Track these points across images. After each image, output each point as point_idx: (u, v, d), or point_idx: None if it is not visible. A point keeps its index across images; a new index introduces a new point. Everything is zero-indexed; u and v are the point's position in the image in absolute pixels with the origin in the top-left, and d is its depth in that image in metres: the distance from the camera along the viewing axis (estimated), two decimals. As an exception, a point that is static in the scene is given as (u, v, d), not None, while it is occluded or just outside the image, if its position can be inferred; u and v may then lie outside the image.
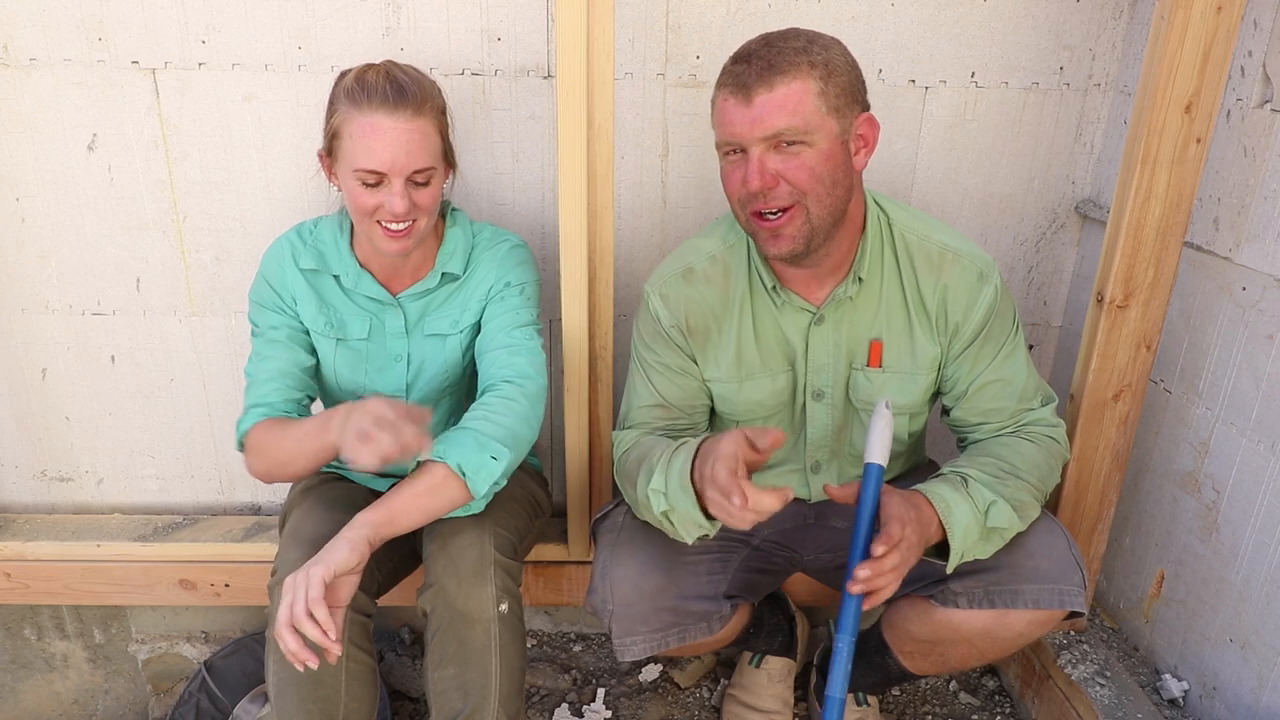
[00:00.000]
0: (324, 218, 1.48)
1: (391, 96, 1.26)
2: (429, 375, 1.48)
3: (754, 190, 1.16)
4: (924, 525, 1.16)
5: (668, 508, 1.20)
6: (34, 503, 1.94)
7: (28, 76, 1.58)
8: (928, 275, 1.30)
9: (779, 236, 1.19)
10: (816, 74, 1.13)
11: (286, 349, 1.43)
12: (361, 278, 1.43)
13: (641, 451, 1.32)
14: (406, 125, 1.26)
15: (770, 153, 1.15)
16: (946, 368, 1.35)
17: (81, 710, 2.02)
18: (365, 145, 1.26)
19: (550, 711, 1.76)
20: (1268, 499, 1.36)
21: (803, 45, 1.14)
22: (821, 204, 1.18)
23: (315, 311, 1.44)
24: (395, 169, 1.27)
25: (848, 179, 1.20)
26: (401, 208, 1.28)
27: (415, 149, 1.28)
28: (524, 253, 1.48)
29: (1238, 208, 1.40)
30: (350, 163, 1.28)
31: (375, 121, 1.25)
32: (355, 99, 1.26)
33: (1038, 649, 1.67)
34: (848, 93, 1.16)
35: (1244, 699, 1.41)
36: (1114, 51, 1.62)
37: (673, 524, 1.21)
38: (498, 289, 1.44)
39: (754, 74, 1.12)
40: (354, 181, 1.29)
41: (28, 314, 1.76)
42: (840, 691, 1.13)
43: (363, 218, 1.32)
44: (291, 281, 1.43)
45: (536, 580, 1.78)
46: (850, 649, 1.13)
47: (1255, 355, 1.38)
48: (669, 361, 1.37)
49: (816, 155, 1.15)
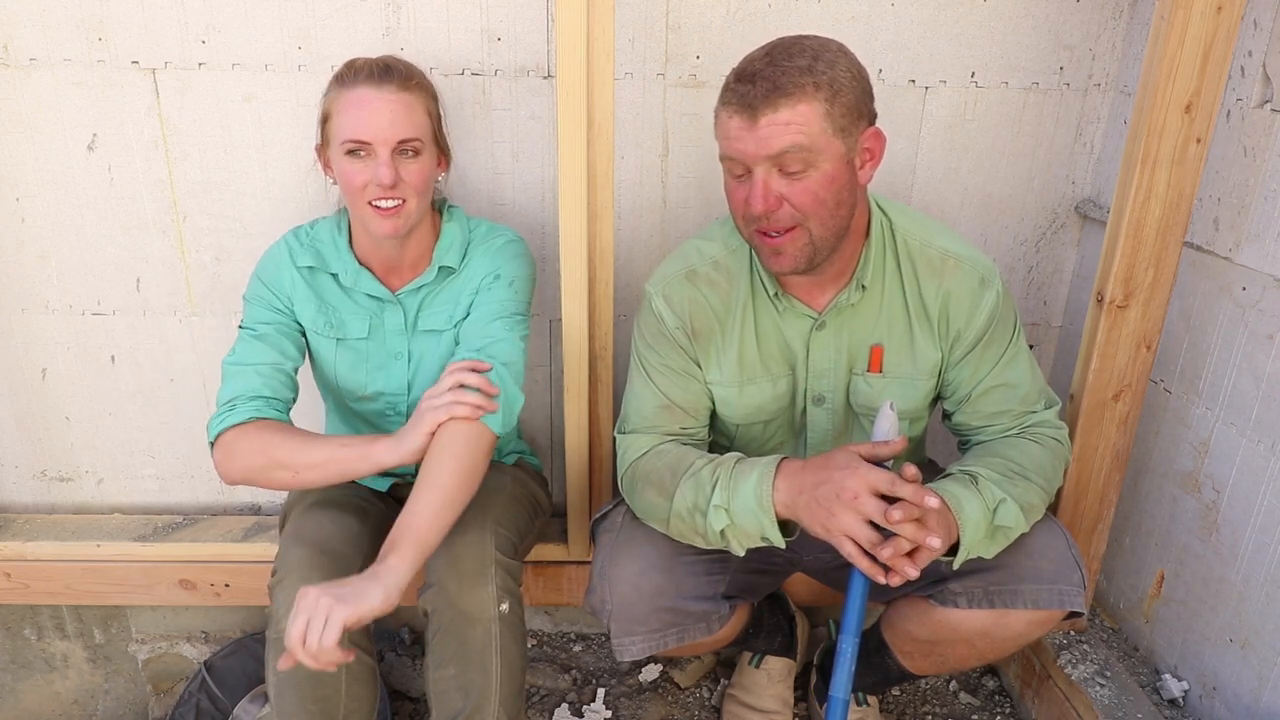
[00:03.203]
0: (320, 219, 1.48)
1: (377, 73, 1.30)
2: (428, 372, 1.47)
3: (758, 214, 1.16)
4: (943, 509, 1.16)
5: (729, 523, 1.20)
6: (34, 503, 1.94)
7: (28, 76, 1.58)
8: (930, 281, 1.30)
9: (781, 254, 1.19)
10: (822, 95, 1.11)
11: (273, 346, 1.40)
12: (360, 275, 1.42)
13: (674, 462, 1.30)
14: (392, 96, 1.29)
15: (775, 174, 1.14)
16: (948, 373, 1.35)
17: (81, 710, 2.02)
18: (351, 116, 1.28)
19: (550, 711, 1.76)
20: (1268, 499, 1.36)
21: (808, 64, 1.11)
22: (825, 225, 1.17)
23: (315, 312, 1.43)
24: (380, 138, 1.28)
25: (852, 197, 1.19)
26: (388, 177, 1.28)
27: (400, 119, 1.29)
28: (518, 246, 1.47)
29: (1238, 208, 1.40)
30: (339, 138, 1.30)
31: (360, 94, 1.29)
32: (344, 80, 1.31)
33: (1038, 649, 1.67)
34: (854, 110, 1.14)
35: (1244, 699, 1.41)
36: (1114, 51, 1.62)
37: (725, 539, 1.22)
38: (487, 281, 1.43)
39: (759, 95, 1.10)
40: (343, 159, 1.30)
41: (28, 314, 1.76)
42: (844, 692, 1.13)
43: (355, 198, 1.32)
44: (289, 282, 1.42)
45: (536, 580, 1.78)
46: (855, 650, 1.13)
47: (1255, 355, 1.38)
48: (672, 363, 1.37)
49: (821, 178, 1.14)
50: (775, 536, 1.19)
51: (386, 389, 1.48)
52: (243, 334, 1.42)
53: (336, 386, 1.50)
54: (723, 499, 1.20)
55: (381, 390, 1.48)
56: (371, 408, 1.51)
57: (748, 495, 1.19)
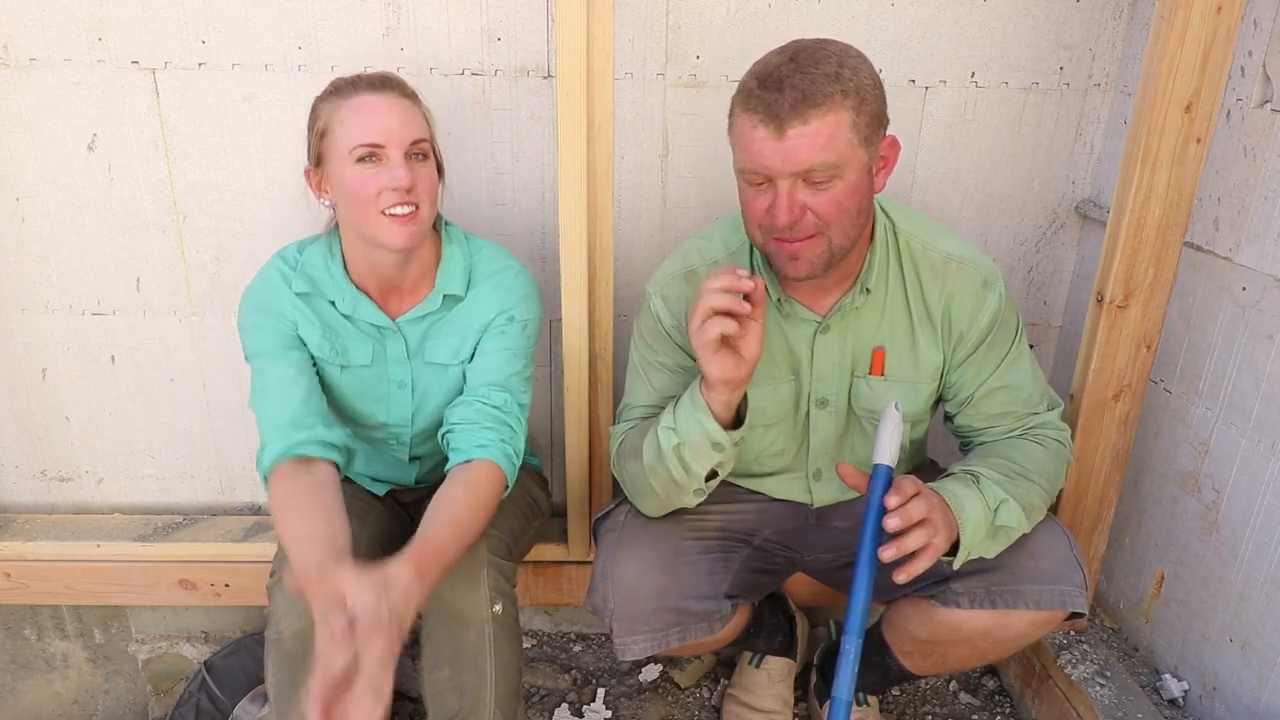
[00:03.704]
0: (307, 244, 1.40)
1: (377, 81, 1.27)
2: (433, 404, 1.44)
3: (782, 225, 1.13)
4: (945, 508, 1.16)
5: (678, 441, 1.21)
6: (34, 503, 1.94)
7: (28, 76, 1.58)
8: (932, 283, 1.30)
9: (798, 260, 1.17)
10: (850, 104, 1.08)
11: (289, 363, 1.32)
12: (359, 301, 1.36)
13: (645, 425, 1.32)
14: (396, 101, 1.26)
15: (800, 185, 1.12)
16: (950, 375, 1.35)
17: (81, 710, 2.02)
18: (359, 121, 1.23)
19: (550, 711, 1.76)
20: (1268, 499, 1.36)
21: (834, 70, 1.08)
22: (845, 233, 1.17)
23: (320, 338, 1.37)
24: (393, 139, 1.24)
25: (870, 204, 1.19)
26: (406, 179, 1.23)
27: (409, 120, 1.26)
28: (529, 284, 1.41)
29: (1238, 208, 1.40)
30: (345, 146, 1.23)
31: (364, 100, 1.25)
32: (341, 92, 1.26)
33: (1038, 649, 1.67)
34: (876, 118, 1.13)
35: (1244, 699, 1.41)
36: (1114, 51, 1.62)
37: (683, 461, 1.22)
38: (499, 323, 1.38)
39: (788, 105, 1.07)
40: (351, 168, 1.23)
41: (28, 314, 1.76)
42: (847, 693, 1.13)
43: (366, 210, 1.25)
44: (289, 305, 1.35)
45: (536, 580, 1.78)
46: (858, 650, 1.13)
47: (1255, 355, 1.38)
48: (670, 362, 1.37)
49: (845, 188, 1.12)
50: (715, 430, 1.19)
51: (390, 420, 1.45)
52: (253, 365, 1.35)
53: (342, 414, 1.47)
54: (669, 419, 1.23)
55: (385, 422, 1.46)
56: (376, 435, 1.49)
57: (685, 401, 1.21)
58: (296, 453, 1.25)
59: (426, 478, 1.58)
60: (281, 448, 1.25)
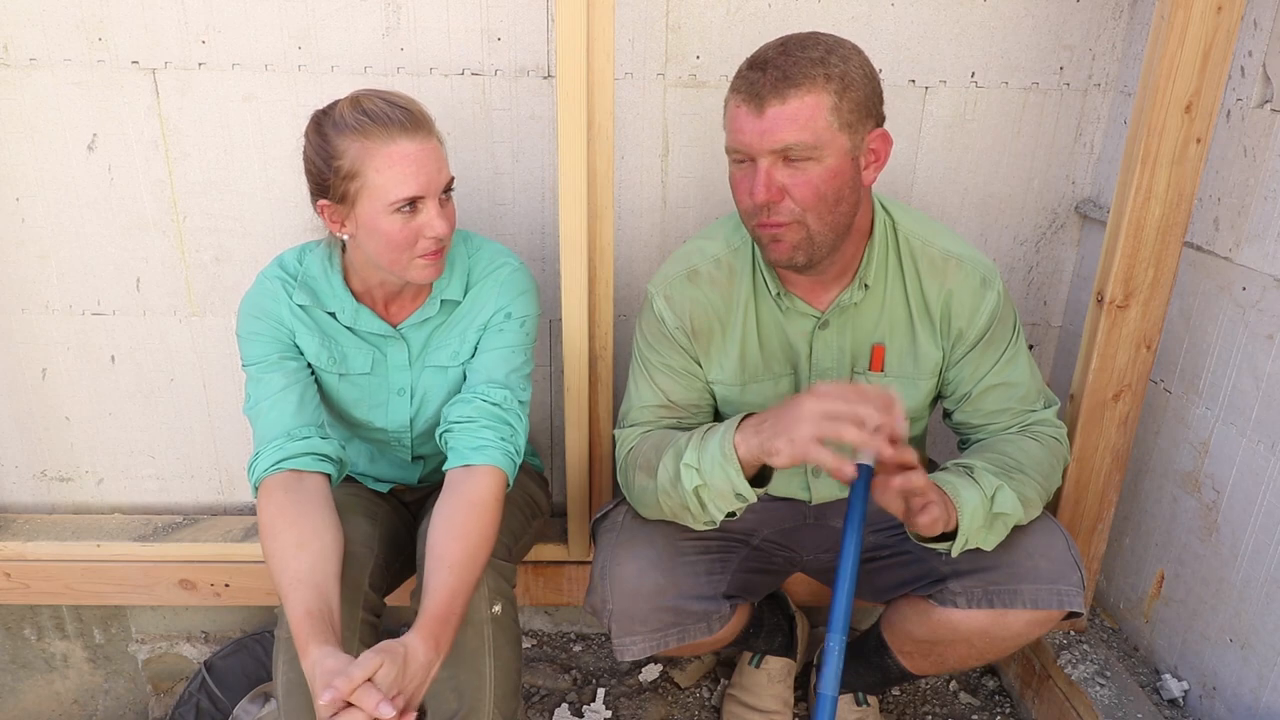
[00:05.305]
0: (305, 251, 1.38)
1: (407, 122, 1.19)
2: (432, 408, 1.44)
3: (760, 203, 1.15)
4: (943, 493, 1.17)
5: (700, 483, 1.19)
6: (34, 503, 1.94)
7: (28, 76, 1.58)
8: (932, 280, 1.30)
9: (779, 241, 1.19)
10: (832, 87, 1.10)
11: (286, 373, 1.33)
12: (360, 313, 1.35)
13: (659, 440, 1.30)
14: (431, 147, 1.21)
15: (778, 165, 1.14)
16: (948, 372, 1.36)
17: (81, 710, 2.03)
18: (399, 174, 1.18)
19: (550, 711, 1.76)
20: (1268, 499, 1.36)
21: (820, 55, 1.11)
22: (822, 221, 1.17)
23: (318, 346, 1.36)
24: (431, 189, 1.21)
25: (854, 195, 1.19)
26: (444, 228, 1.22)
27: (442, 164, 1.24)
28: (526, 280, 1.40)
29: (1238, 208, 1.40)
30: (383, 199, 1.19)
31: (402, 149, 1.18)
32: (368, 133, 1.18)
33: (1038, 649, 1.67)
34: (863, 107, 1.14)
35: (1244, 699, 1.41)
36: (1114, 51, 1.62)
37: (701, 502, 1.20)
38: (497, 320, 1.37)
39: (768, 83, 1.10)
40: (389, 219, 1.20)
41: (28, 314, 1.76)
42: (832, 690, 1.13)
43: (399, 255, 1.23)
44: (287, 314, 1.34)
45: (536, 580, 1.78)
46: (842, 647, 1.13)
47: (1255, 355, 1.38)
48: (673, 363, 1.37)
49: (823, 172, 1.13)
50: (743, 486, 1.16)
51: (389, 426, 1.45)
52: (249, 373, 1.34)
53: (340, 420, 1.47)
54: (693, 458, 1.20)
55: (384, 428, 1.46)
56: (376, 438, 1.50)
57: (714, 448, 1.18)
58: (288, 466, 1.26)
59: (430, 477, 1.58)
60: (273, 460, 1.26)
